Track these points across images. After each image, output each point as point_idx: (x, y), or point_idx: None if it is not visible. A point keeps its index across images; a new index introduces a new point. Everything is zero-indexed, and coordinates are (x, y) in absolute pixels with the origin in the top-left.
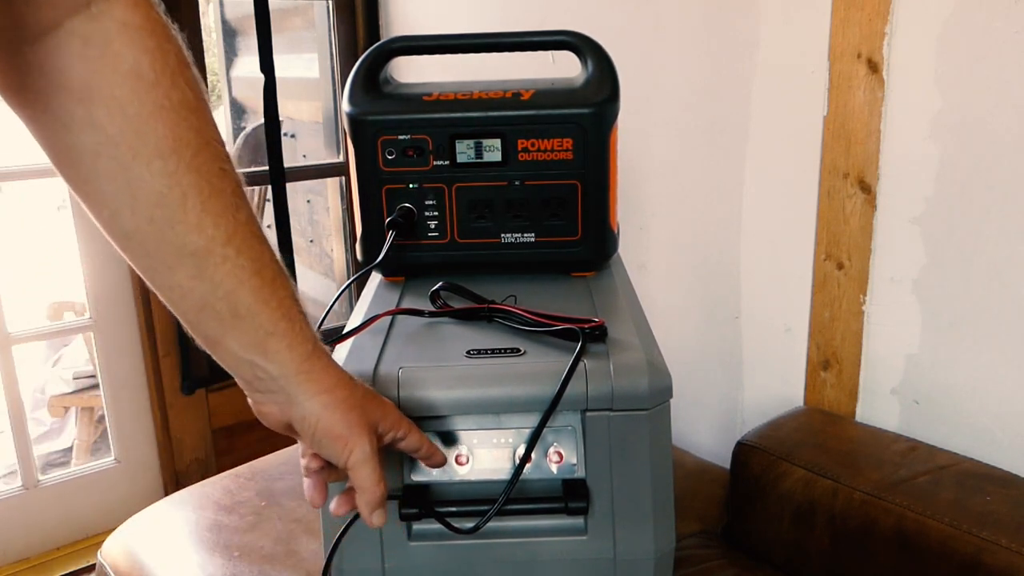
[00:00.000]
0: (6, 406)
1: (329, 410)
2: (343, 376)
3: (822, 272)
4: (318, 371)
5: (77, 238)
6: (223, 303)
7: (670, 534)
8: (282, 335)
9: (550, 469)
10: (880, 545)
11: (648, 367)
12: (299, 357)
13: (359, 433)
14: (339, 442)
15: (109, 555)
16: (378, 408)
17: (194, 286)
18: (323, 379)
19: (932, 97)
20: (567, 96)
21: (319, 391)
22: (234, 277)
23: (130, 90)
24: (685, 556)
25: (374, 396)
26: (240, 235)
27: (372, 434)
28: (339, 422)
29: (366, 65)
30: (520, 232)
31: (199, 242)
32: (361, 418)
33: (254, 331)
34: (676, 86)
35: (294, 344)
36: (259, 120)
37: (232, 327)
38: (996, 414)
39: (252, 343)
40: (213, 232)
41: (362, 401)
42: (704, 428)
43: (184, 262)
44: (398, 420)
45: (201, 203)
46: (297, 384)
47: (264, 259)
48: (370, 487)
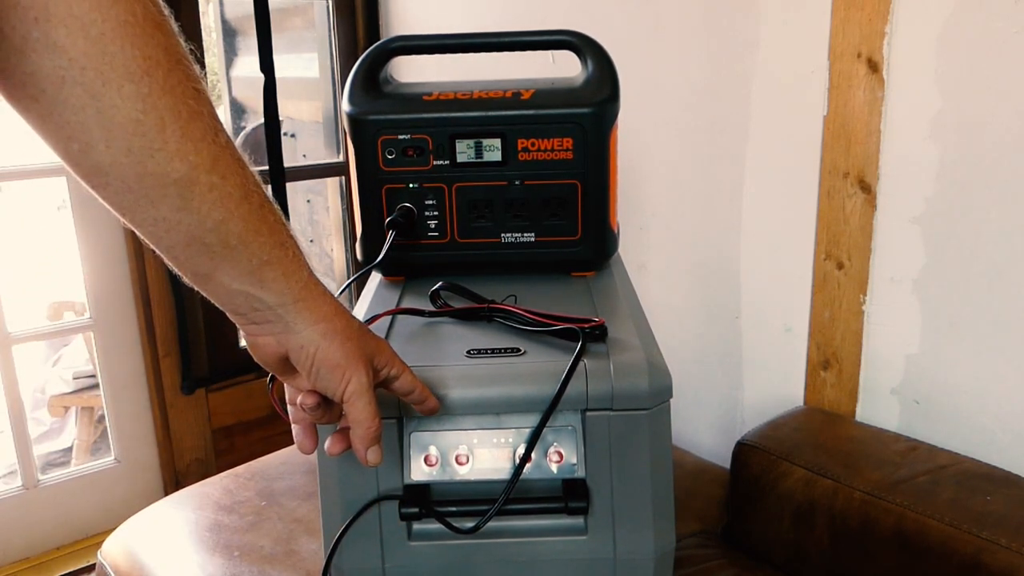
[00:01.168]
0: (6, 406)
1: (328, 338)
2: (339, 306)
3: (822, 272)
4: (315, 299)
5: (77, 238)
6: (213, 235)
7: (670, 534)
8: (277, 263)
9: (550, 469)
10: (880, 545)
11: (648, 367)
12: (296, 285)
13: (356, 364)
14: (337, 371)
15: (109, 555)
16: (373, 342)
17: (180, 218)
18: (321, 307)
19: (932, 97)
20: (567, 96)
21: (318, 319)
22: (222, 206)
23: (90, 7)
24: (685, 556)
25: (369, 331)
26: (224, 160)
27: (368, 366)
28: (337, 351)
29: (366, 65)
30: (520, 232)
31: (182, 170)
32: (358, 349)
33: (247, 261)
34: (676, 86)
35: (289, 272)
36: (259, 120)
37: (224, 259)
38: (996, 414)
39: (246, 273)
40: (196, 158)
41: (359, 333)
42: (704, 428)
43: (168, 193)
44: (392, 357)
45: (180, 128)
46: (296, 312)
47: (249, 184)
48: (365, 419)
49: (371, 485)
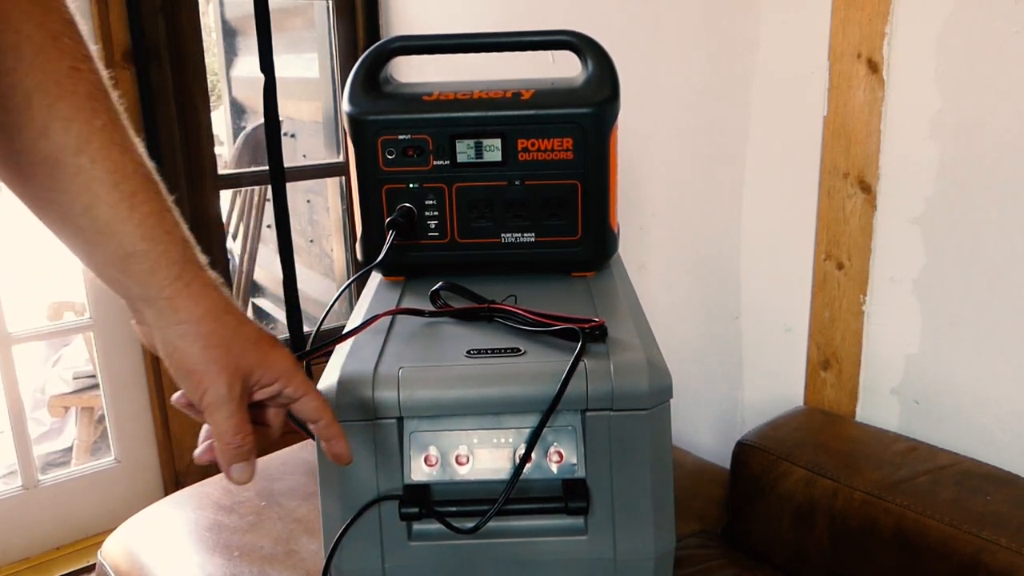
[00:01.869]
0: (6, 406)
1: (186, 341)
2: (217, 309)
3: (822, 272)
4: (184, 299)
5: None
6: (83, 218)
7: (670, 534)
8: (142, 256)
9: (550, 469)
10: (880, 545)
11: (648, 367)
12: (162, 281)
13: (216, 372)
14: (192, 377)
15: (109, 555)
16: (258, 354)
17: (52, 197)
18: (188, 308)
19: (932, 97)
20: (567, 96)
21: (182, 320)
22: (89, 191)
23: None
24: (685, 556)
25: (260, 342)
26: (96, 143)
27: (237, 378)
28: (196, 356)
29: (366, 65)
30: (520, 232)
31: (48, 149)
32: (225, 357)
33: (114, 249)
34: (676, 86)
35: (157, 267)
36: (259, 120)
37: (95, 243)
38: (996, 414)
39: (112, 261)
40: (62, 139)
41: (233, 340)
42: (704, 428)
43: (36, 171)
44: (287, 374)
45: (48, 106)
46: (159, 310)
47: (126, 170)
48: (223, 433)
49: (371, 485)
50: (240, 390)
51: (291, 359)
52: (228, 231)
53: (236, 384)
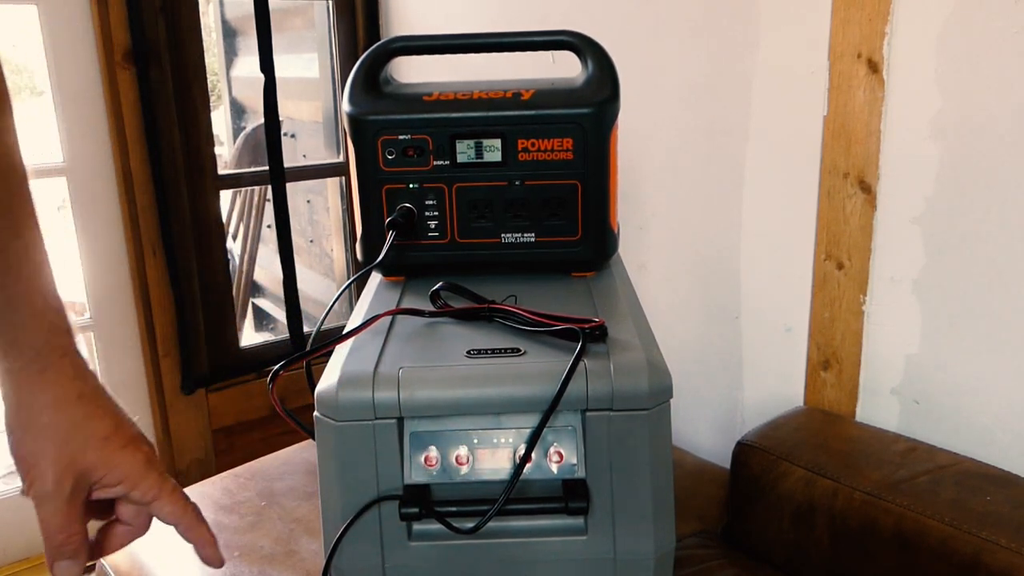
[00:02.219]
0: None
1: (22, 428)
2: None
3: (822, 272)
4: (33, 384)
5: (77, 238)
6: None
7: (670, 534)
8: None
9: (550, 469)
10: (880, 545)
11: (648, 367)
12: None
13: (44, 467)
14: (20, 466)
15: None
16: (102, 454)
17: None
18: (29, 395)
19: (932, 97)
20: (567, 96)
21: (22, 405)
22: None
23: None
24: (685, 556)
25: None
26: None
27: (67, 476)
28: (27, 446)
29: (366, 65)
30: (520, 232)
31: None
32: (57, 452)
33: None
34: (676, 86)
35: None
36: (259, 120)
37: None
38: (996, 414)
39: None
40: None
41: (72, 435)
42: (704, 428)
43: None
44: (134, 478)
45: None
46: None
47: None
48: (48, 531)
49: (371, 485)
50: (71, 488)
51: (141, 460)
52: (228, 231)
53: (66, 481)
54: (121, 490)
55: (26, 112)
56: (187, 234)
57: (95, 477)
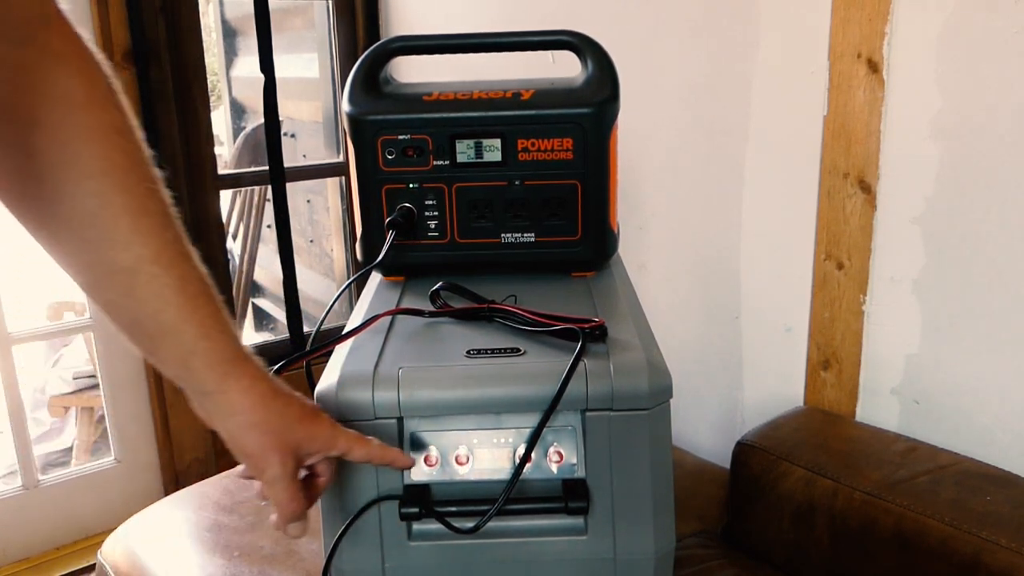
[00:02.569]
0: (6, 406)
1: (243, 430)
2: (264, 396)
3: (822, 272)
4: (236, 392)
5: None
6: (150, 321)
7: (670, 534)
8: (201, 354)
9: (550, 469)
10: (880, 545)
11: (648, 367)
12: (216, 377)
13: (271, 455)
14: (251, 461)
15: (109, 555)
16: (303, 430)
17: (124, 303)
18: (240, 400)
19: (932, 97)
20: (567, 96)
21: (234, 412)
22: (160, 296)
23: (62, 115)
24: (685, 556)
25: (302, 417)
26: (168, 254)
27: (289, 456)
28: (252, 443)
29: (366, 65)
30: (520, 232)
31: (129, 260)
32: (276, 440)
33: (178, 348)
34: (676, 86)
35: (212, 364)
36: (259, 120)
37: (159, 342)
38: (996, 414)
39: (176, 359)
40: (142, 251)
41: (281, 424)
42: (704, 428)
43: (116, 280)
44: (330, 440)
45: (131, 222)
46: (214, 403)
47: (189, 276)
48: (281, 504)
49: (371, 485)
50: (292, 466)
51: (330, 426)
52: (228, 231)
53: (288, 461)
54: (322, 453)
55: None
56: (187, 234)
57: (303, 451)
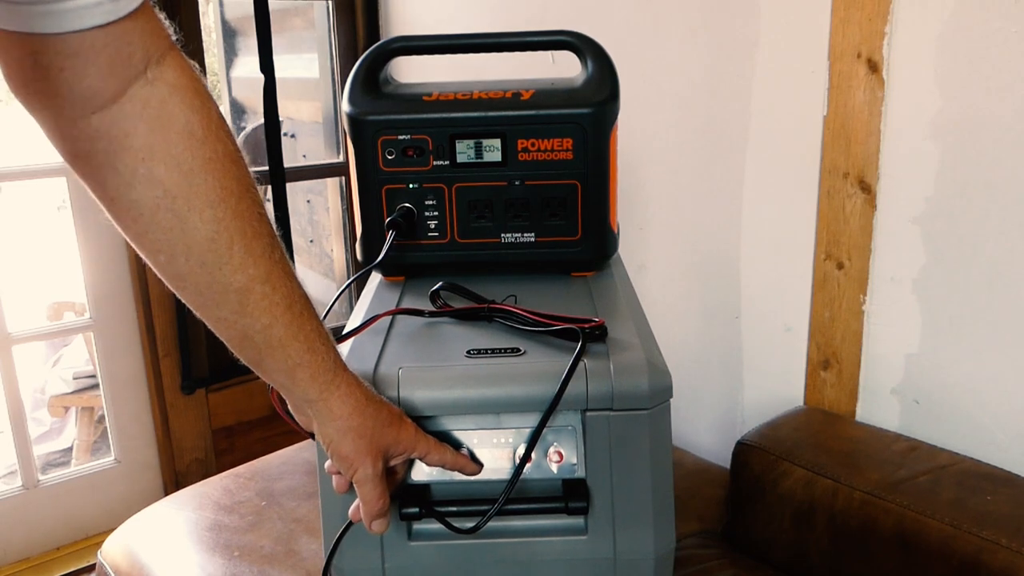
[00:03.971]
0: (6, 406)
1: (340, 434)
2: (360, 403)
3: (822, 272)
4: (336, 400)
5: (77, 238)
6: (260, 335)
7: (670, 534)
8: (307, 366)
9: (550, 469)
10: (880, 545)
11: (648, 367)
12: (319, 386)
13: (364, 457)
14: (345, 462)
15: (109, 555)
16: (392, 434)
17: (236, 320)
18: (339, 407)
19: (932, 97)
20: (567, 96)
21: (334, 418)
22: (269, 313)
23: (184, 147)
24: (685, 556)
25: (391, 422)
26: (276, 273)
27: (379, 458)
28: (348, 446)
29: (366, 65)
30: (520, 232)
31: (242, 281)
32: (370, 444)
33: (285, 360)
34: (676, 86)
35: (316, 374)
36: (259, 120)
37: (268, 355)
38: (996, 414)
39: (283, 370)
40: (254, 271)
41: (373, 429)
42: (704, 428)
43: (229, 299)
44: (413, 443)
45: (244, 246)
46: (317, 409)
47: (295, 295)
48: (370, 502)
49: None
50: (382, 467)
51: (414, 431)
52: None
53: (379, 463)
54: (406, 455)
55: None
56: None
57: (391, 453)
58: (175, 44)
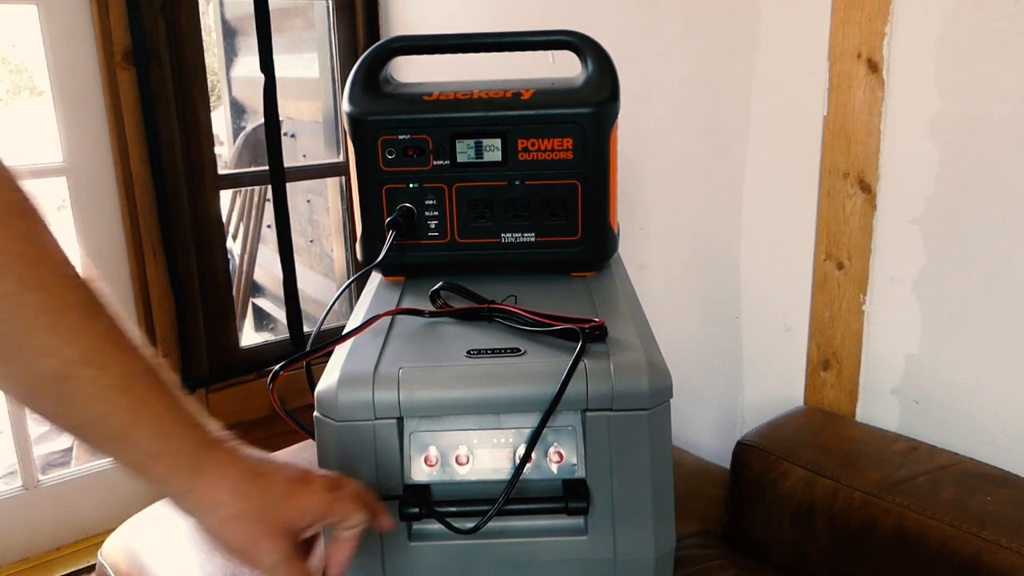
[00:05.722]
0: (6, 406)
1: (224, 525)
2: (239, 483)
3: (822, 272)
4: (206, 488)
5: (77, 238)
6: (97, 426)
7: (670, 534)
8: (161, 457)
9: (550, 469)
10: (880, 545)
11: (648, 367)
12: (182, 477)
13: (261, 542)
14: (244, 555)
15: (109, 555)
16: (292, 506)
17: (64, 413)
18: (212, 495)
19: (932, 97)
20: (567, 96)
21: (209, 509)
22: (100, 399)
23: None
24: (685, 556)
25: (288, 492)
26: (101, 349)
27: (283, 538)
28: (238, 536)
29: (366, 65)
30: (520, 232)
31: (56, 366)
32: (264, 528)
33: (134, 452)
34: (676, 86)
35: (175, 464)
36: (259, 120)
37: (114, 448)
38: (996, 414)
39: (136, 462)
40: (69, 353)
41: (264, 509)
42: (704, 428)
43: (45, 391)
44: (324, 509)
45: (50, 323)
46: (187, 503)
47: (133, 370)
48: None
49: (371, 485)
50: (288, 547)
51: (321, 496)
52: (228, 231)
53: (283, 544)
54: (319, 525)
55: (26, 112)
56: (187, 234)
57: (298, 527)
58: None
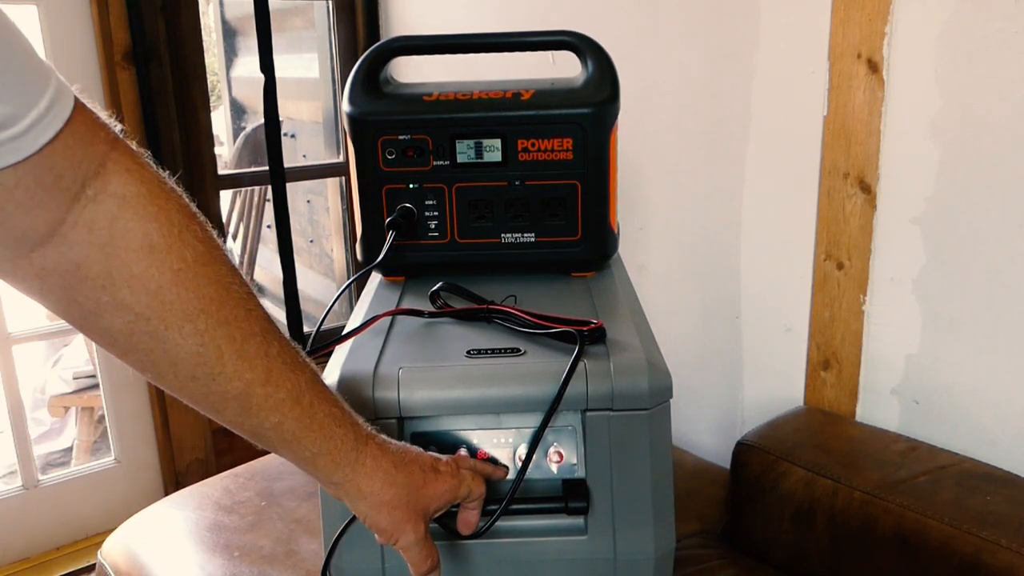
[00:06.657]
0: (6, 406)
1: (374, 510)
2: (388, 475)
3: (822, 272)
4: (362, 479)
5: None
6: (271, 432)
7: (670, 534)
8: (326, 454)
9: (550, 469)
10: (880, 545)
11: (648, 367)
12: (343, 471)
13: (403, 525)
14: (385, 535)
15: (109, 555)
16: (428, 493)
17: (242, 422)
18: (367, 485)
19: (932, 97)
20: (567, 96)
21: (365, 495)
22: (276, 411)
23: (147, 264)
24: (685, 556)
25: (424, 481)
26: (275, 370)
27: (420, 521)
28: (384, 520)
29: (366, 65)
30: (520, 232)
31: (240, 387)
32: (406, 513)
33: (302, 451)
34: (676, 86)
35: (338, 460)
36: (259, 120)
37: (284, 449)
38: (996, 414)
39: (302, 460)
40: (251, 375)
41: (408, 497)
42: (704, 428)
43: (229, 406)
44: (452, 492)
45: (236, 351)
46: (345, 491)
47: (300, 386)
48: (416, 563)
49: None
50: (423, 529)
51: (449, 481)
52: (228, 231)
53: (420, 527)
54: (448, 506)
55: None
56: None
57: (432, 510)
58: (117, 137)
